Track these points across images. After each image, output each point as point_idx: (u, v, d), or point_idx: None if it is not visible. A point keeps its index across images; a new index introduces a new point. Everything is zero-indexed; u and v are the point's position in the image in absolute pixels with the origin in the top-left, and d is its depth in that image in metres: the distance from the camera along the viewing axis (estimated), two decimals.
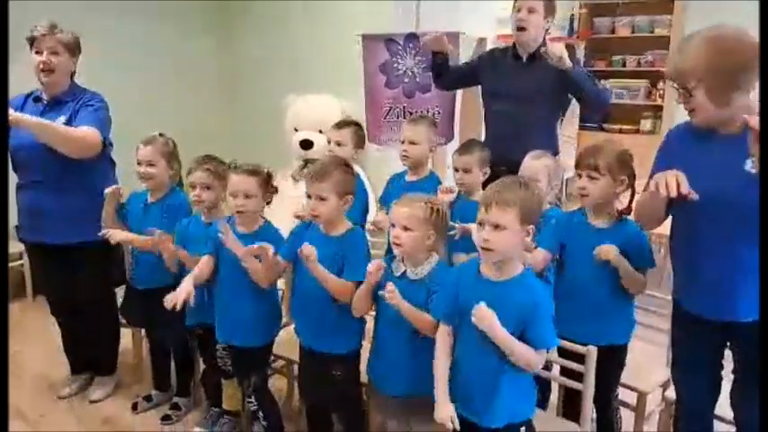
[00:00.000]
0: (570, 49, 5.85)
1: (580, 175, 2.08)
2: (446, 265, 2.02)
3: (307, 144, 4.16)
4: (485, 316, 1.65)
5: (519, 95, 2.88)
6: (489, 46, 4.39)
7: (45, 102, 2.65)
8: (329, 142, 2.75)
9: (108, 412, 2.85)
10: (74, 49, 2.63)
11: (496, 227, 1.66)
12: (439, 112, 3.75)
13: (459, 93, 3.84)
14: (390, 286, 1.85)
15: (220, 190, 2.37)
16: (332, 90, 4.28)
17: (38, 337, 3.30)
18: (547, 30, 2.97)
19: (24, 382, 3.10)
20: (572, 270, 2.13)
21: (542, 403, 2.52)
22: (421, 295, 1.91)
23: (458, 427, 1.72)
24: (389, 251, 2.19)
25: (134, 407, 2.85)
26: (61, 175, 2.60)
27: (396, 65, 3.79)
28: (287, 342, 2.50)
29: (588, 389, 2.01)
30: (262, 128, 4.75)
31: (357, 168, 3.01)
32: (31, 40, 2.55)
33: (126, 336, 3.09)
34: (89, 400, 2.92)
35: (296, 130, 4.27)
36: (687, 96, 1.72)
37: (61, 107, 2.63)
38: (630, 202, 2.09)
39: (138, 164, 2.55)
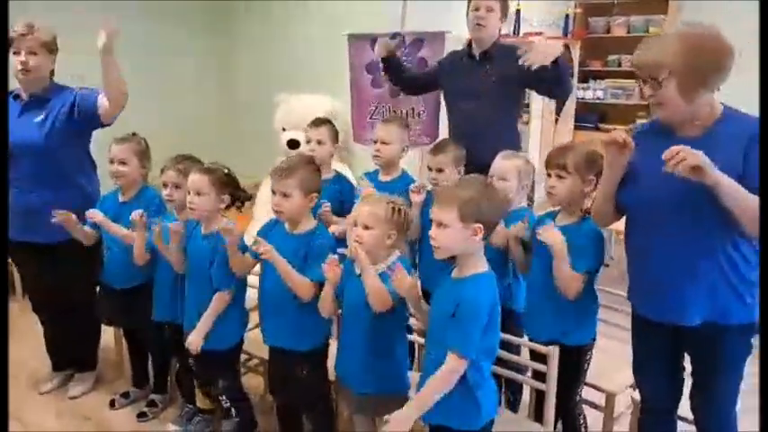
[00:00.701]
0: (566, 48, 5.89)
1: (549, 175, 2.08)
2: (408, 262, 2.03)
3: (293, 144, 4.17)
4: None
5: (475, 93, 2.93)
6: None
7: (24, 100, 2.67)
8: (308, 142, 2.76)
9: (87, 408, 2.88)
10: (52, 47, 2.65)
11: (439, 224, 1.69)
12: (424, 112, 3.76)
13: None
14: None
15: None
16: (328, 90, 4.28)
17: (25, 334, 3.33)
18: (500, 29, 3.02)
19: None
20: (536, 268, 2.13)
21: (514, 405, 2.54)
22: None
23: None
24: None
25: (112, 403, 2.88)
26: (48, 174, 2.63)
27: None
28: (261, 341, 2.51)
29: (551, 389, 2.01)
30: (258, 127, 4.77)
31: (343, 167, 3.04)
32: (9, 41, 2.57)
33: (108, 332, 3.12)
34: (68, 396, 2.96)
35: (284, 129, 4.28)
36: (656, 88, 1.71)
37: (42, 105, 2.65)
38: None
39: (111, 162, 2.58)
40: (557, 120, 6.26)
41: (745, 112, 1.77)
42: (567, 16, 5.94)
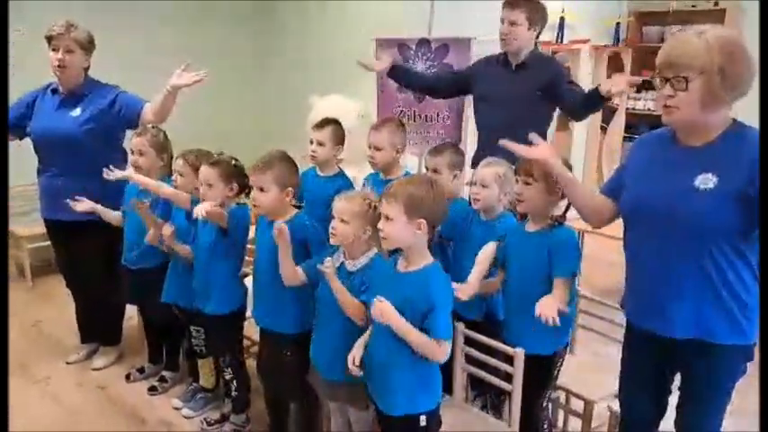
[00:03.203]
0: (617, 57, 5.74)
1: (518, 181, 2.10)
2: (383, 259, 2.10)
3: None
4: (380, 308, 1.75)
5: (508, 101, 2.95)
6: None
7: (62, 94, 2.93)
8: (311, 142, 2.83)
9: (105, 379, 3.12)
10: (88, 46, 2.89)
11: (386, 218, 1.79)
12: (448, 116, 3.81)
13: (469, 97, 3.87)
14: (328, 261, 1.96)
15: (194, 178, 2.55)
16: (358, 92, 4.39)
17: (63, 307, 3.62)
18: (537, 36, 3.02)
19: (40, 346, 3.46)
20: (508, 275, 2.15)
21: (498, 408, 2.55)
22: (355, 287, 2.00)
23: None
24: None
25: (127, 377, 3.10)
26: (79, 161, 2.88)
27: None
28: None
29: (516, 389, 2.04)
30: (293, 129, 4.93)
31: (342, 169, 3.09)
32: (49, 39, 2.82)
33: (134, 310, 3.34)
34: (91, 367, 3.21)
35: None
36: (679, 88, 1.62)
37: (78, 100, 2.91)
38: (567, 209, 2.09)
39: (131, 153, 2.79)
40: (603, 129, 6.14)
41: (754, 128, 1.68)
42: (618, 24, 5.82)
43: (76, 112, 2.89)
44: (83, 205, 2.77)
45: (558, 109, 3.11)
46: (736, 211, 1.61)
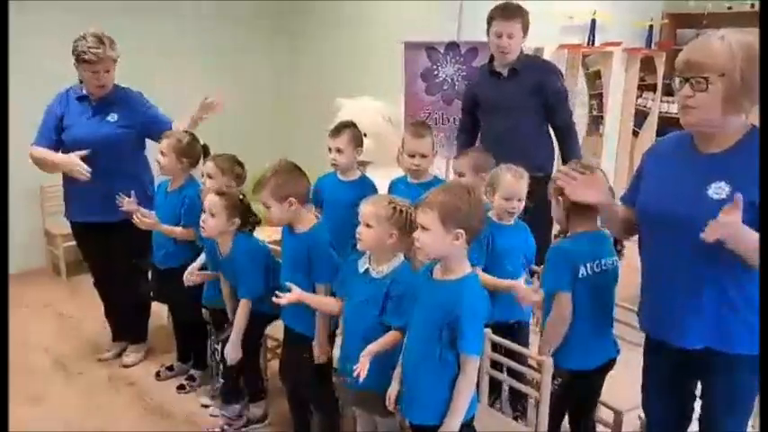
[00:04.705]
0: (649, 60, 5.62)
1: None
2: (410, 267, 2.09)
3: None
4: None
5: (504, 109, 3.03)
6: (547, 56, 4.34)
7: (93, 102, 3.00)
8: (329, 150, 2.79)
9: (135, 376, 3.19)
10: (117, 58, 2.95)
11: (422, 227, 1.76)
12: None
13: None
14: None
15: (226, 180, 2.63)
16: (384, 95, 4.40)
17: (96, 305, 3.70)
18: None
19: (74, 342, 3.55)
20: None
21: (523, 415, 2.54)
22: (379, 294, 1.99)
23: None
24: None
25: (157, 375, 3.16)
26: (114, 164, 2.96)
27: (436, 72, 3.88)
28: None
29: (544, 397, 2.02)
30: (318, 130, 4.97)
31: (367, 173, 3.10)
32: (85, 60, 2.84)
33: (165, 308, 3.40)
34: (122, 364, 3.28)
35: None
36: (699, 89, 1.59)
37: (110, 106, 3.00)
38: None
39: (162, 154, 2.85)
40: (635, 133, 6.05)
41: None
42: (650, 27, 5.72)
43: (113, 117, 3.00)
44: (129, 205, 2.80)
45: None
46: (747, 221, 1.54)
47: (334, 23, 5.23)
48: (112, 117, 2.98)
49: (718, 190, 1.61)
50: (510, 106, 2.99)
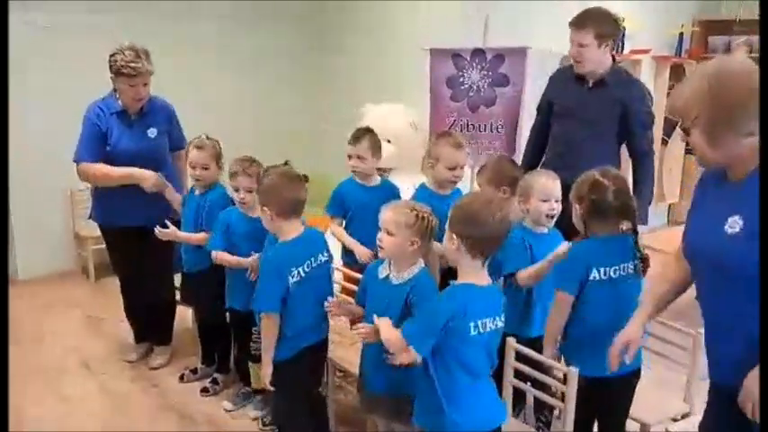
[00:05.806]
0: (679, 69, 5.55)
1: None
2: (430, 273, 2.07)
3: None
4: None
5: (582, 118, 2.93)
6: None
7: (132, 115, 3.04)
8: (349, 158, 2.79)
9: (159, 378, 3.22)
10: (153, 73, 2.98)
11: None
12: (502, 126, 3.77)
13: (525, 107, 3.82)
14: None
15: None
16: (410, 101, 4.40)
17: (122, 309, 3.75)
18: (613, 49, 2.98)
19: (100, 342, 3.61)
20: None
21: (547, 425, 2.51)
22: (399, 300, 1.98)
23: None
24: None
25: (181, 377, 3.19)
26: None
27: (461, 79, 3.85)
28: None
29: (569, 408, 1.99)
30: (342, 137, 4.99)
31: (392, 179, 3.09)
32: (125, 74, 2.86)
33: (188, 313, 3.44)
34: (149, 366, 3.31)
35: None
36: (687, 135, 1.57)
37: (147, 119, 3.06)
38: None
39: (193, 167, 2.86)
40: (664, 141, 5.95)
41: None
42: (681, 35, 5.64)
43: (152, 128, 3.07)
44: (168, 234, 2.85)
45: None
46: (754, 248, 1.47)
47: (360, 31, 5.26)
48: (152, 129, 3.07)
49: (733, 224, 1.54)
50: (589, 117, 2.88)
